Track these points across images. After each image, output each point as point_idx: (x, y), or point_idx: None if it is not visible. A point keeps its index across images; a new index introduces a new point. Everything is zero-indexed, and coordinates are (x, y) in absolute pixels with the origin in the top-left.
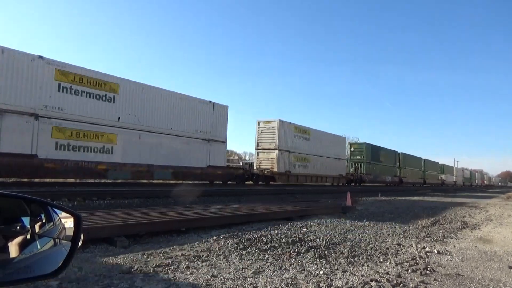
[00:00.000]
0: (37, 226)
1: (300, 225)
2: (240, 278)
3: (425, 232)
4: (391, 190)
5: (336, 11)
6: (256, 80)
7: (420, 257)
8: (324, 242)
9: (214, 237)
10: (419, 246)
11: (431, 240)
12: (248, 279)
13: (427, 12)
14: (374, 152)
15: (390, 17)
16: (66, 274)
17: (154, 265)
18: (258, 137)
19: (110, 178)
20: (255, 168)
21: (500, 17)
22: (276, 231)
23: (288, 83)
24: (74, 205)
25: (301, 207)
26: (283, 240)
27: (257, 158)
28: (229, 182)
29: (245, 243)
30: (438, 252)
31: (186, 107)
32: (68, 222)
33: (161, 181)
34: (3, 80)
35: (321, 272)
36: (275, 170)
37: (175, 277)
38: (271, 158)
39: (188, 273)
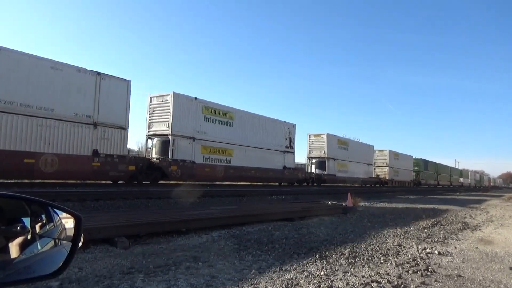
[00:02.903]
0: (37, 227)
1: (301, 226)
2: (241, 278)
3: (426, 233)
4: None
5: (337, 13)
6: (254, 81)
7: (421, 258)
8: (324, 243)
9: (215, 238)
10: (420, 247)
11: (432, 241)
12: (249, 280)
13: (429, 14)
14: (425, 164)
15: (392, 18)
16: (67, 274)
17: (154, 266)
18: (375, 159)
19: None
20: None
21: (502, 20)
22: (276, 232)
23: (287, 84)
24: (75, 206)
25: (302, 208)
26: (284, 240)
27: (374, 170)
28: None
29: (245, 243)
30: (439, 253)
31: (362, 148)
32: (69, 223)
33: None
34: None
35: (322, 273)
36: (387, 178)
37: (175, 278)
38: (384, 171)
39: (188, 273)
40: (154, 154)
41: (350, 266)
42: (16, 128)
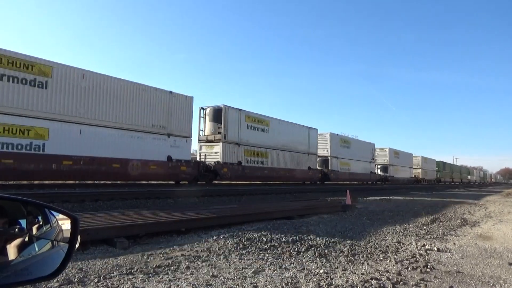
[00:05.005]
0: (34, 228)
1: (300, 224)
2: (240, 277)
3: (425, 229)
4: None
5: (338, 13)
6: (257, 81)
7: (420, 254)
8: (324, 241)
9: (214, 237)
10: (419, 244)
11: (431, 237)
12: (248, 279)
13: (429, 14)
14: (444, 165)
15: (391, 18)
16: (67, 275)
17: (154, 266)
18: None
19: (400, 182)
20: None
21: (501, 19)
22: (276, 230)
23: (288, 85)
24: (74, 207)
25: (302, 206)
26: (283, 239)
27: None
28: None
29: (245, 242)
30: (438, 250)
31: (407, 156)
32: (65, 224)
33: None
34: None
35: (321, 271)
36: (421, 177)
37: (175, 278)
38: (418, 172)
39: (188, 273)
40: (318, 167)
41: (350, 263)
42: (280, 157)
